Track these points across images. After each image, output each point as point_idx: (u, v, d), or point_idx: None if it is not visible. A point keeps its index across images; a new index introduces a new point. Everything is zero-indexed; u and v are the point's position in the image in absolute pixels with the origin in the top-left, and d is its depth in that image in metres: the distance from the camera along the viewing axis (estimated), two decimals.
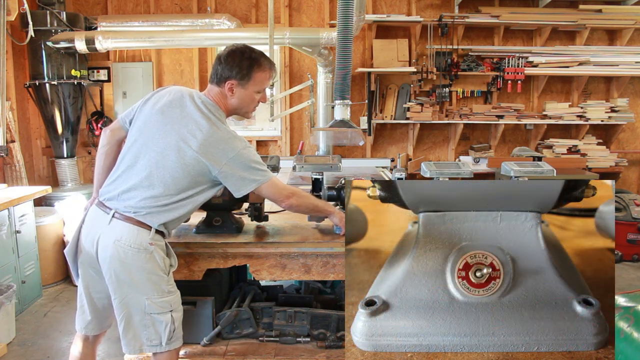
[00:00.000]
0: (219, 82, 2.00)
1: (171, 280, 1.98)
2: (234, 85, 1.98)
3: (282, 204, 2.04)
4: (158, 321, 1.92)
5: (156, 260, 1.90)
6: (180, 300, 2.02)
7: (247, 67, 1.97)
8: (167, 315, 1.93)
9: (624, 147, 5.68)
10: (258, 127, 5.60)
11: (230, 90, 1.99)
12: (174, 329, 1.96)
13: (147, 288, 1.89)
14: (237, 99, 2.02)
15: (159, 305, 1.92)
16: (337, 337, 2.42)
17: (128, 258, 1.86)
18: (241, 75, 1.97)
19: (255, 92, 2.03)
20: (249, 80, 1.98)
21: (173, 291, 1.98)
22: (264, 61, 2.01)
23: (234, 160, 1.92)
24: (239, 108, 2.07)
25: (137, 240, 1.87)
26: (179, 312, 1.99)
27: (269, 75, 2.04)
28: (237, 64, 1.97)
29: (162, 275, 1.92)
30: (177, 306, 1.98)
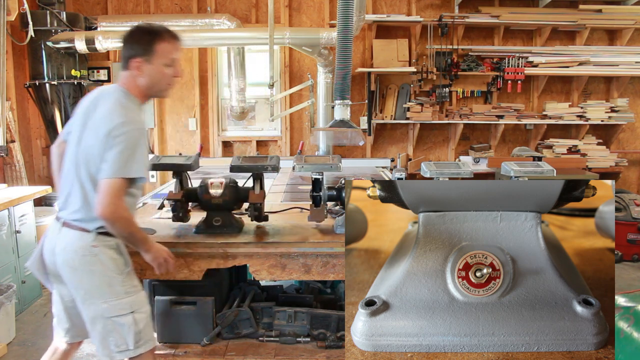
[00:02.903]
0: (125, 64, 1.93)
1: (129, 281, 1.92)
2: (140, 62, 1.90)
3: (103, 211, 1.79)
4: (120, 324, 1.88)
5: (104, 262, 1.86)
6: (145, 300, 1.97)
7: (148, 41, 1.90)
8: (128, 317, 1.88)
9: (624, 147, 5.68)
10: (258, 127, 5.60)
11: (138, 69, 1.91)
12: (139, 331, 1.90)
13: (101, 291, 1.86)
14: (146, 76, 1.92)
15: (117, 307, 1.87)
16: (337, 337, 2.42)
17: (76, 263, 1.86)
18: (143, 50, 1.90)
19: (163, 66, 1.93)
20: (152, 53, 1.90)
21: (132, 291, 1.92)
22: (165, 33, 1.94)
23: (113, 139, 1.79)
24: (151, 86, 1.95)
25: (80, 244, 1.85)
26: (142, 313, 1.93)
27: (174, 46, 1.95)
28: (138, 41, 1.91)
29: (114, 277, 1.88)
30: (139, 307, 1.92)
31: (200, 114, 5.42)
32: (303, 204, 2.74)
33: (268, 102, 4.57)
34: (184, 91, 5.41)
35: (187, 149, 5.44)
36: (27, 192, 3.87)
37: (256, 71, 5.41)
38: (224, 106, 5.50)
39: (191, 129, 5.46)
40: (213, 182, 2.29)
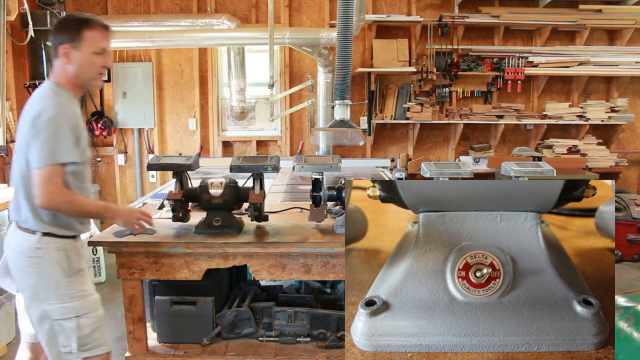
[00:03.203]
0: (55, 53, 1.91)
1: (76, 285, 1.89)
2: (68, 49, 1.87)
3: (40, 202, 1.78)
4: (65, 327, 1.87)
5: (49, 264, 1.85)
6: (95, 305, 1.95)
7: (75, 29, 1.88)
8: (72, 321, 1.87)
9: (624, 147, 5.68)
10: (258, 127, 5.60)
11: (66, 56, 1.88)
12: (85, 336, 1.89)
13: (47, 294, 1.85)
14: (74, 64, 1.89)
15: (62, 311, 1.86)
16: (337, 337, 2.42)
17: (22, 264, 1.86)
18: (71, 37, 1.87)
19: (92, 54, 1.90)
20: (80, 40, 1.87)
21: (78, 296, 1.89)
22: (94, 21, 1.92)
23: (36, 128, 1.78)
24: (80, 74, 1.91)
25: (26, 246, 1.85)
26: (89, 319, 1.91)
27: (103, 34, 1.93)
28: (66, 28, 1.90)
29: (59, 280, 1.86)
30: (85, 312, 1.90)
31: (200, 114, 5.42)
32: (303, 204, 2.74)
33: (268, 102, 4.57)
34: (184, 91, 5.42)
35: (187, 149, 5.44)
36: None
37: (256, 71, 5.41)
38: (224, 106, 5.50)
39: (191, 129, 5.46)
40: (213, 182, 2.29)
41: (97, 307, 1.97)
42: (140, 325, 2.30)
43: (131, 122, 5.40)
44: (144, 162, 5.43)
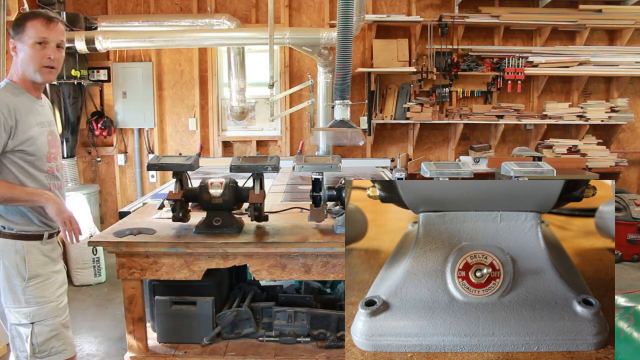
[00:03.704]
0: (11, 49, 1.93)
1: (33, 291, 1.86)
2: (14, 43, 1.89)
3: None
4: (20, 332, 1.86)
5: (6, 266, 1.83)
6: (54, 313, 1.91)
7: (20, 22, 1.88)
8: (26, 327, 1.85)
9: (624, 147, 5.68)
10: (258, 127, 5.60)
11: (14, 50, 1.90)
12: (39, 343, 1.86)
13: (5, 295, 1.85)
14: (20, 56, 1.89)
15: (16, 315, 1.85)
16: (337, 337, 2.42)
17: None
18: (16, 30, 1.88)
19: (33, 43, 1.86)
20: (22, 31, 1.87)
21: (34, 302, 1.86)
22: (37, 12, 1.91)
23: None
24: (25, 67, 1.89)
25: None
26: (45, 326, 1.88)
27: (42, 22, 1.87)
28: (15, 23, 1.90)
29: (16, 283, 1.83)
30: (41, 319, 1.87)
31: (200, 114, 5.42)
32: (303, 204, 2.74)
33: (268, 102, 4.57)
34: (184, 91, 5.42)
35: (187, 149, 5.44)
36: None
37: (256, 71, 5.41)
38: (224, 106, 5.50)
39: (191, 129, 5.46)
40: (213, 182, 2.29)
41: (57, 314, 1.93)
42: (140, 325, 2.30)
43: (131, 122, 5.40)
44: (144, 162, 5.43)
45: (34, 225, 1.89)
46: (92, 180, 5.49)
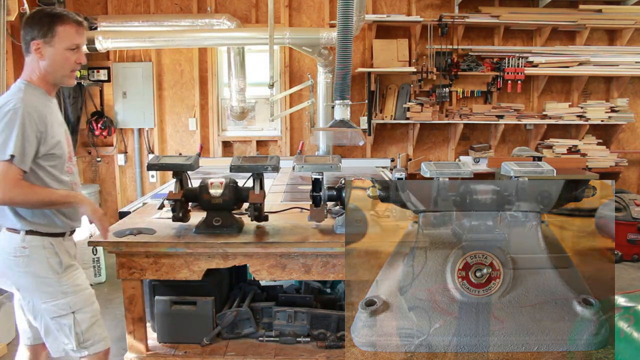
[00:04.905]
0: (27, 48, 1.86)
1: (67, 280, 1.88)
2: (40, 45, 1.83)
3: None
4: (62, 324, 1.87)
5: (37, 262, 1.83)
6: (90, 299, 1.94)
7: (48, 23, 1.82)
8: (68, 317, 1.86)
9: (624, 147, 5.68)
10: (258, 127, 5.60)
11: (38, 52, 1.84)
12: (83, 331, 1.88)
13: (40, 292, 1.85)
14: (47, 59, 1.85)
15: (56, 308, 1.85)
16: (337, 337, 2.42)
17: (10, 264, 1.84)
18: (43, 32, 1.82)
19: (66, 50, 1.85)
20: (53, 36, 1.83)
21: (70, 291, 1.88)
22: (66, 16, 1.87)
23: None
24: (53, 71, 1.87)
25: (12, 245, 1.83)
26: (85, 313, 1.90)
27: (76, 29, 1.88)
28: (37, 22, 1.83)
29: (49, 277, 1.84)
30: (80, 307, 1.89)
31: (200, 114, 5.42)
32: (303, 204, 2.74)
33: (268, 102, 4.57)
34: (184, 91, 5.42)
35: (187, 149, 5.44)
36: None
37: (256, 71, 5.41)
38: (224, 106, 5.50)
39: (191, 129, 5.46)
40: (213, 182, 2.29)
41: (93, 301, 1.96)
42: (140, 325, 2.30)
43: (131, 122, 5.40)
44: (144, 162, 5.43)
45: (57, 225, 1.90)
46: (92, 180, 5.49)
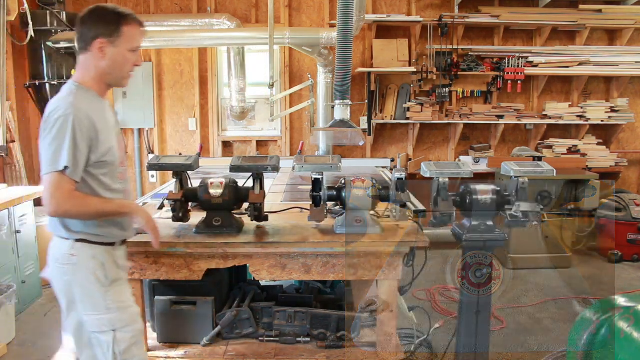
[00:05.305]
0: (85, 46, 1.77)
1: (113, 296, 1.78)
2: (104, 44, 1.75)
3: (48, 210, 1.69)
4: (101, 340, 1.77)
5: (84, 272, 1.75)
6: (133, 318, 1.83)
7: (114, 22, 1.76)
8: (108, 335, 1.76)
9: (624, 147, 5.68)
10: (258, 127, 5.60)
11: (101, 51, 1.76)
12: (121, 351, 1.77)
13: (82, 303, 1.76)
14: (109, 60, 1.77)
15: (97, 323, 1.76)
16: (337, 337, 2.42)
17: (57, 272, 1.79)
18: (110, 31, 1.75)
19: (128, 51, 1.80)
20: (119, 36, 1.76)
21: (114, 308, 1.77)
22: (131, 16, 1.82)
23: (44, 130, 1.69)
24: (112, 72, 1.81)
25: (60, 253, 1.77)
26: (126, 333, 1.79)
27: (140, 32, 1.83)
28: (103, 20, 1.76)
29: (95, 289, 1.75)
30: (122, 325, 1.78)
31: (200, 114, 5.42)
32: (303, 204, 2.74)
33: (268, 102, 4.57)
34: (184, 91, 5.42)
35: (187, 149, 5.44)
36: (27, 192, 3.87)
37: (256, 71, 5.41)
38: (224, 106, 5.50)
39: (191, 129, 5.46)
40: (213, 182, 2.29)
41: (136, 320, 1.85)
42: None
43: (131, 122, 5.40)
44: (144, 162, 5.43)
45: (107, 235, 1.82)
46: None
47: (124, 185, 1.91)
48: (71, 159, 1.65)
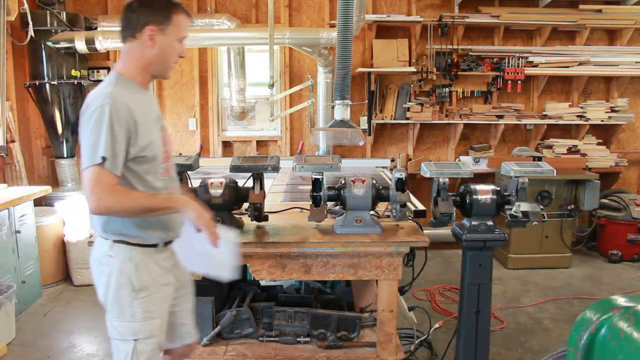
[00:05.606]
0: (133, 33, 1.68)
1: (142, 304, 1.69)
2: (155, 31, 1.67)
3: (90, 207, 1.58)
4: (119, 348, 1.70)
5: (118, 275, 1.67)
6: (156, 331, 1.73)
7: (165, 9, 1.69)
8: (128, 344, 1.68)
9: (624, 147, 5.68)
10: (258, 127, 5.60)
11: (151, 39, 1.67)
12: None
13: (111, 307, 1.69)
14: (158, 49, 1.69)
15: (120, 329, 1.69)
16: (337, 337, 2.42)
17: (96, 272, 1.72)
18: (161, 17, 1.67)
19: (176, 40, 1.72)
20: (169, 23, 1.68)
21: (139, 317, 1.68)
22: (180, 5, 1.74)
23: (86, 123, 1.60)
24: (159, 62, 1.72)
25: (100, 252, 1.71)
26: (147, 345, 1.70)
27: (188, 20, 1.75)
28: (154, 7, 1.68)
29: (124, 295, 1.67)
30: (144, 336, 1.69)
31: (200, 114, 5.42)
32: (303, 204, 2.74)
33: (268, 102, 4.57)
34: (184, 91, 5.41)
35: (187, 149, 5.44)
36: (27, 192, 3.87)
37: (256, 71, 5.41)
38: (224, 106, 5.50)
39: (191, 129, 5.46)
40: (213, 182, 2.29)
41: (158, 333, 1.75)
42: None
43: None
44: None
45: (150, 236, 1.72)
46: None
47: (168, 183, 1.79)
48: (109, 150, 1.55)
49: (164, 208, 1.66)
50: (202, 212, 1.69)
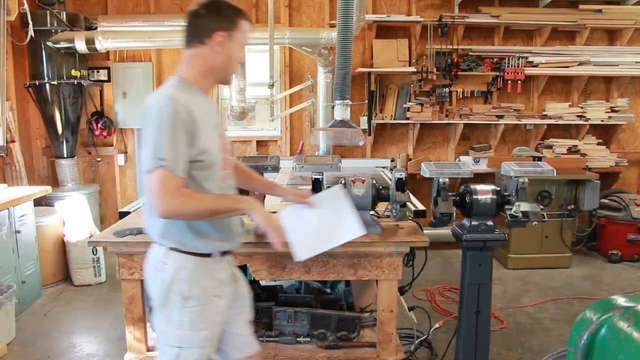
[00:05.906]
0: (201, 38, 1.67)
1: (191, 313, 1.65)
2: (224, 37, 1.66)
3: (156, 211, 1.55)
4: (164, 352, 1.69)
5: (170, 283, 1.65)
6: (203, 343, 1.69)
7: (233, 15, 1.69)
8: (172, 350, 1.67)
9: (624, 147, 5.68)
10: (258, 127, 5.60)
11: (220, 45, 1.66)
12: None
13: (160, 311, 1.69)
14: (224, 55, 1.68)
15: (165, 335, 1.68)
16: (337, 337, 2.42)
17: (149, 277, 1.72)
18: (229, 24, 1.67)
19: (240, 47, 1.72)
20: (236, 29, 1.68)
21: (187, 326, 1.66)
22: (244, 11, 1.74)
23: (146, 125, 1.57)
24: (224, 67, 1.72)
25: (155, 258, 1.70)
26: (191, 354, 1.67)
27: (250, 27, 1.75)
28: (223, 13, 1.68)
29: (174, 301, 1.65)
30: (189, 345, 1.66)
31: None
32: None
33: (268, 102, 4.57)
34: None
35: None
36: (27, 192, 3.87)
37: (256, 71, 5.41)
38: (223, 106, 5.50)
39: None
40: None
41: (205, 346, 1.71)
42: (140, 325, 2.30)
43: (131, 122, 5.39)
44: None
45: (206, 245, 1.69)
46: (92, 180, 5.48)
47: (226, 191, 1.76)
48: (171, 151, 1.53)
49: (231, 209, 1.66)
50: (269, 214, 1.71)
